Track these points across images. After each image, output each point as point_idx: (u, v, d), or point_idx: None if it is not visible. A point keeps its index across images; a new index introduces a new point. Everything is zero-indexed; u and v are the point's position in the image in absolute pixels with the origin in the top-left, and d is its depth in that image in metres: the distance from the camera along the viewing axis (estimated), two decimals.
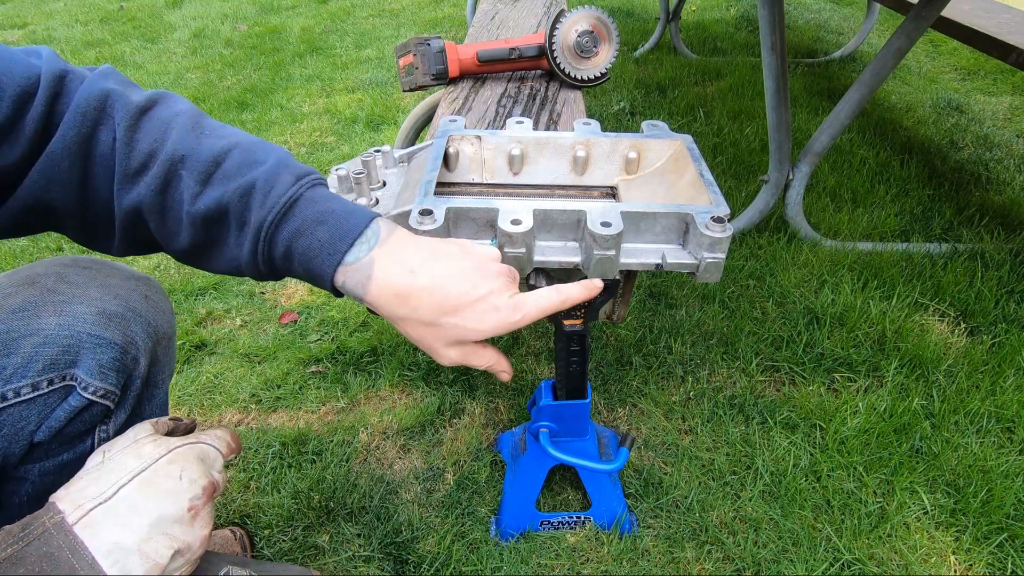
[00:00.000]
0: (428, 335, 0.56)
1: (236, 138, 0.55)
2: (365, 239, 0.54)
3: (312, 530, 0.98)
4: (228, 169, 0.53)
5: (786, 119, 1.49)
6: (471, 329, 0.54)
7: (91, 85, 0.52)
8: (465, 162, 0.87)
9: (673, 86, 2.52)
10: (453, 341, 0.56)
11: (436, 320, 0.54)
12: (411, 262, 0.54)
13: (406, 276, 0.53)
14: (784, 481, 1.03)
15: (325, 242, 0.52)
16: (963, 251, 1.52)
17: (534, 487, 0.95)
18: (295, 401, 1.22)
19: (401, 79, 1.22)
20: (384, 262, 0.53)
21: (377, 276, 0.53)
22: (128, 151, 0.52)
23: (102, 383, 0.57)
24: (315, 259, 0.53)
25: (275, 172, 0.53)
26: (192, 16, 3.70)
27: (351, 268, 0.53)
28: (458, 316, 0.54)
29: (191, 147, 0.53)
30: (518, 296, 0.56)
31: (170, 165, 0.52)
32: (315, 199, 0.54)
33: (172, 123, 0.54)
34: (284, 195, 0.52)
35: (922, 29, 1.34)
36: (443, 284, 0.53)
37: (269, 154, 0.55)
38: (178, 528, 0.47)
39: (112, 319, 0.58)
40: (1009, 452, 1.07)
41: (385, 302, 0.54)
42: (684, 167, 0.80)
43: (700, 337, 1.32)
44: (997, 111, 2.42)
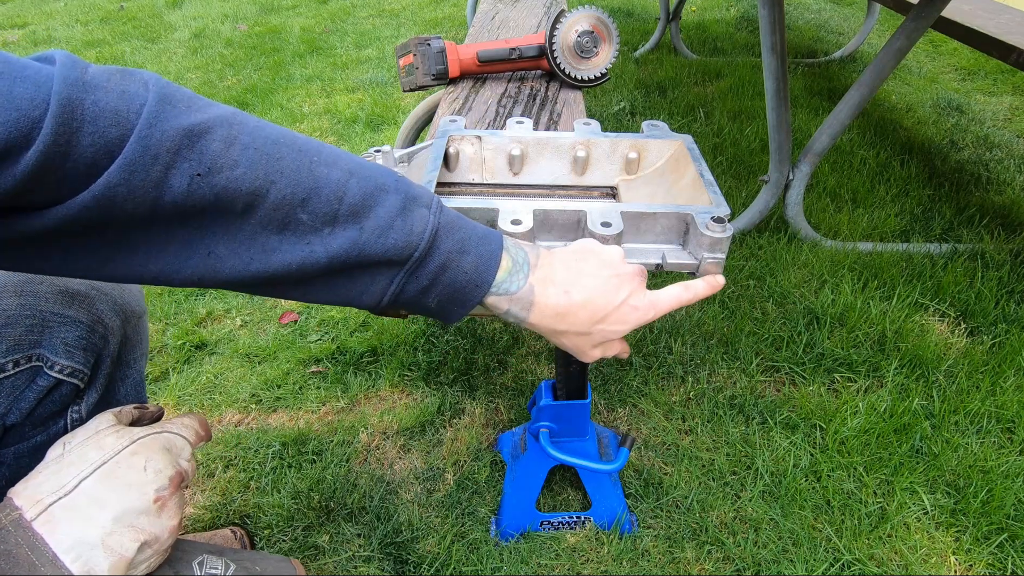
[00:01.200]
0: (580, 341, 0.60)
1: (345, 163, 0.51)
2: (518, 267, 0.56)
3: (312, 530, 0.98)
4: (352, 204, 0.49)
5: (786, 119, 1.49)
6: (616, 331, 0.60)
7: (162, 123, 0.42)
8: (465, 162, 0.87)
9: (673, 86, 2.52)
10: (600, 342, 0.61)
11: (589, 329, 0.59)
12: (563, 282, 0.58)
13: (563, 297, 0.57)
14: (784, 481, 1.03)
15: (471, 273, 0.54)
16: (963, 251, 1.52)
17: (534, 487, 0.95)
18: (295, 401, 1.22)
19: (401, 79, 1.22)
20: (542, 287, 0.57)
21: (539, 301, 0.57)
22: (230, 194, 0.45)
23: (69, 361, 0.57)
24: (463, 290, 0.54)
25: (406, 205, 0.51)
26: (192, 16, 3.70)
27: (515, 297, 0.56)
28: (606, 322, 0.59)
29: (308, 185, 0.48)
30: (652, 295, 0.61)
31: (288, 208, 0.47)
32: (450, 227, 0.53)
33: (271, 155, 0.47)
34: (426, 230, 0.51)
35: (922, 29, 1.34)
36: (593, 298, 0.58)
37: (386, 178, 0.52)
38: (144, 520, 0.46)
39: (76, 297, 0.58)
40: (1009, 452, 1.07)
41: (548, 323, 0.58)
42: (684, 167, 0.80)
43: (700, 337, 1.32)
44: (997, 111, 2.42)
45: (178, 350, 1.34)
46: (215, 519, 1.01)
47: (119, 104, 0.41)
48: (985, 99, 2.54)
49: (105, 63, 2.98)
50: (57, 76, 0.39)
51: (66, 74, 0.40)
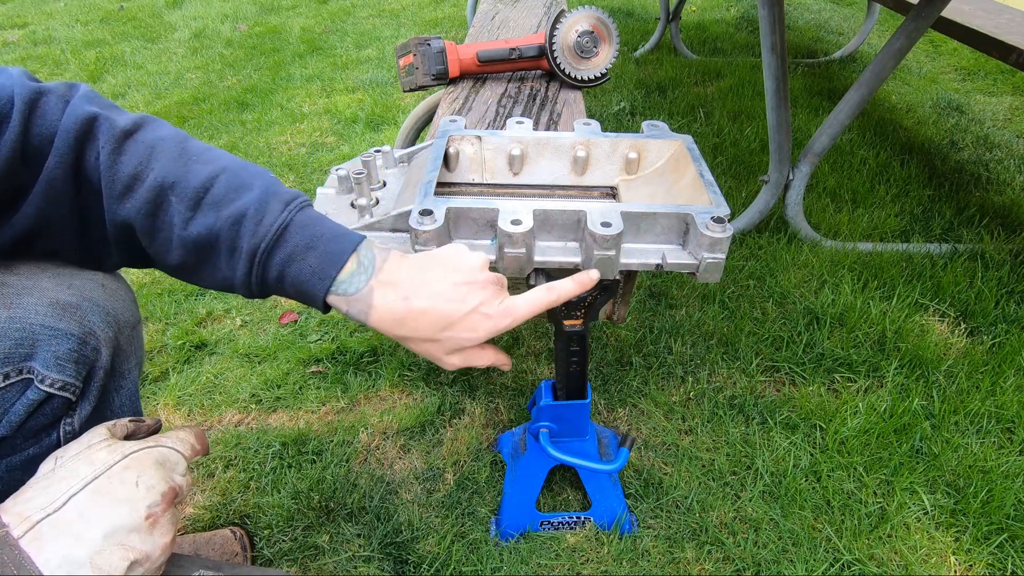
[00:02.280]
0: (430, 348, 0.61)
1: (222, 162, 0.58)
2: (362, 268, 0.58)
3: (312, 530, 0.98)
4: (217, 195, 0.56)
5: (786, 119, 1.49)
6: (467, 338, 0.59)
7: (77, 107, 0.54)
8: (465, 162, 0.87)
9: (673, 86, 2.52)
10: (452, 350, 0.61)
11: (435, 336, 0.59)
12: (405, 286, 0.58)
13: (402, 303, 0.58)
14: (784, 481, 1.03)
15: (316, 268, 0.56)
16: (963, 251, 1.52)
17: (534, 487, 0.95)
18: (295, 401, 1.22)
19: (401, 79, 1.22)
20: (382, 291, 0.58)
21: (377, 305, 0.57)
22: (112, 173, 0.54)
23: (60, 375, 0.56)
24: (306, 283, 0.56)
25: (264, 199, 0.56)
26: (192, 16, 3.70)
27: (353, 298, 0.57)
28: (454, 329, 0.59)
29: (180, 173, 0.55)
30: (508, 300, 0.61)
31: (159, 190, 0.55)
32: (304, 223, 0.57)
33: (157, 147, 0.56)
34: (275, 222, 0.56)
35: (922, 29, 1.34)
36: (436, 304, 0.58)
37: (256, 178, 0.58)
38: (135, 537, 0.45)
39: (67, 309, 0.57)
40: (1009, 452, 1.07)
41: (387, 327, 0.59)
42: (684, 167, 0.80)
43: (700, 337, 1.32)
44: (997, 111, 2.42)
45: (178, 350, 1.34)
46: (215, 519, 1.01)
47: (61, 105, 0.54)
48: (985, 99, 2.54)
49: (105, 63, 2.99)
50: (16, 83, 0.52)
51: (24, 82, 0.53)
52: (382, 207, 0.78)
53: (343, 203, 0.79)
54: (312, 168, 2.06)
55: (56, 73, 2.93)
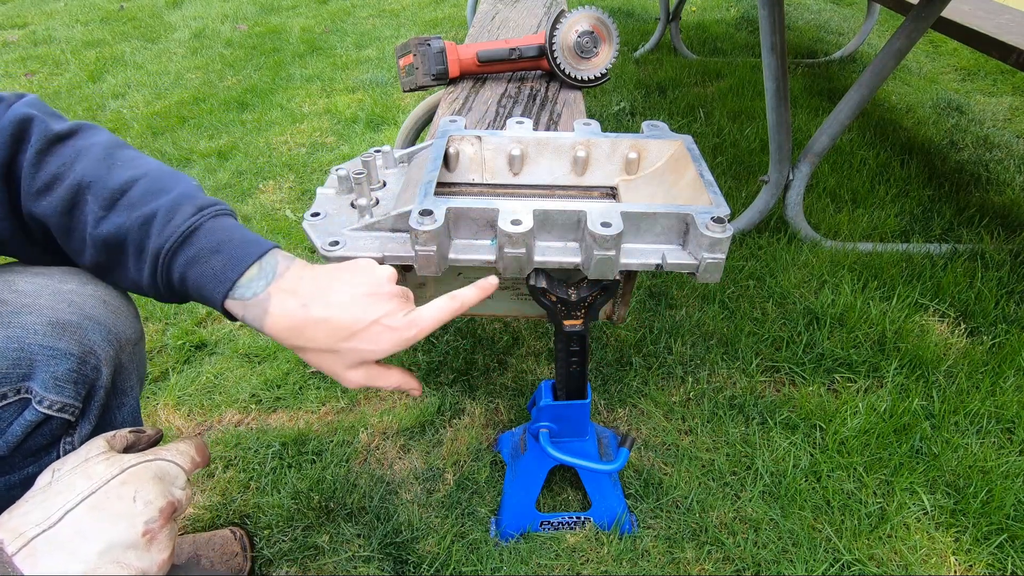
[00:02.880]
0: (328, 360, 0.59)
1: (147, 168, 0.58)
2: (263, 274, 0.57)
3: (312, 530, 0.98)
4: (133, 197, 0.56)
5: (786, 119, 1.49)
6: (368, 351, 0.57)
7: (15, 110, 0.56)
8: (465, 162, 0.87)
9: (673, 86, 2.52)
10: (353, 364, 0.59)
11: (333, 347, 0.57)
12: (304, 295, 0.57)
13: (299, 310, 0.56)
14: (784, 482, 1.03)
15: (218, 270, 0.56)
16: (963, 252, 1.52)
17: (534, 487, 0.95)
18: (295, 401, 1.22)
19: (401, 79, 1.22)
20: (279, 297, 0.56)
21: (272, 311, 0.56)
22: (35, 171, 0.56)
23: (58, 396, 0.55)
24: (205, 287, 0.56)
25: (178, 202, 0.57)
26: (192, 16, 3.70)
27: (250, 303, 0.56)
28: (354, 341, 0.57)
29: (99, 175, 0.56)
30: (413, 313, 0.59)
31: (76, 189, 0.56)
32: (214, 229, 0.57)
33: (84, 151, 0.57)
34: (183, 225, 0.56)
35: (922, 30, 1.34)
36: (335, 314, 0.56)
37: (177, 184, 0.58)
38: (132, 554, 0.44)
39: (66, 329, 0.56)
40: (1009, 453, 1.07)
41: (282, 335, 0.57)
42: (684, 167, 0.80)
43: (700, 338, 1.32)
44: (997, 112, 2.42)
45: (178, 350, 1.34)
46: (215, 519, 1.01)
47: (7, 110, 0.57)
48: (985, 99, 2.54)
49: (105, 63, 2.99)
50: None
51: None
52: (382, 207, 0.78)
53: (343, 203, 0.79)
54: (312, 168, 2.06)
55: (56, 73, 2.93)
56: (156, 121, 2.41)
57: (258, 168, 2.06)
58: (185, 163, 2.12)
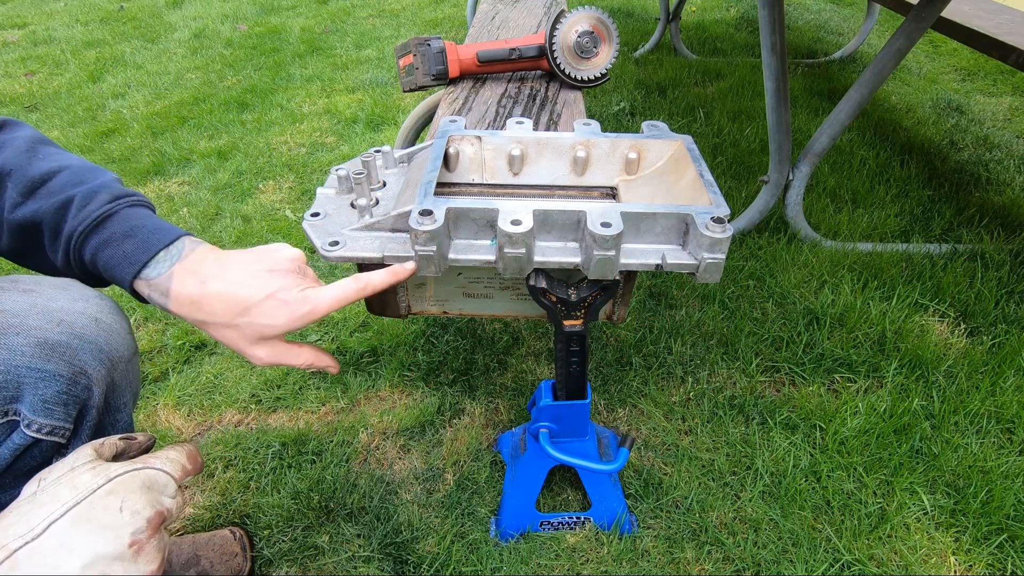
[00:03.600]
0: (230, 336, 0.60)
1: (69, 162, 0.61)
2: (169, 256, 0.59)
3: (312, 530, 0.98)
4: (53, 187, 0.59)
5: (786, 120, 1.49)
6: (265, 325, 0.59)
7: None
8: (465, 162, 0.87)
9: (673, 87, 2.52)
10: (255, 339, 0.60)
11: (232, 321, 0.59)
12: (205, 273, 0.59)
13: (198, 286, 0.58)
14: (784, 482, 1.03)
15: (129, 253, 0.58)
16: (963, 252, 1.52)
17: (534, 487, 0.95)
18: (295, 401, 1.22)
19: (401, 79, 1.22)
20: (181, 276, 0.58)
21: (175, 289, 0.58)
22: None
23: (47, 419, 0.55)
24: (115, 269, 0.58)
25: (95, 190, 0.59)
26: (192, 16, 3.70)
27: (154, 283, 0.58)
28: (250, 315, 0.58)
29: (20, 164, 0.59)
30: (311, 291, 0.60)
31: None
32: (130, 217, 0.59)
33: (7, 143, 0.60)
34: (98, 210, 0.58)
35: (922, 30, 1.34)
36: (232, 288, 0.58)
37: (98, 177, 0.61)
38: (118, 566, 0.43)
39: (55, 350, 0.55)
40: (1009, 453, 1.07)
41: (185, 310, 0.59)
42: (684, 168, 0.80)
43: (700, 338, 1.32)
44: (997, 112, 2.42)
45: (178, 350, 1.34)
46: (215, 519, 1.01)
47: None
48: (985, 99, 2.54)
49: (105, 63, 2.99)
50: None
51: None
52: (382, 207, 0.78)
53: (343, 203, 0.79)
54: (312, 168, 2.06)
55: (56, 73, 2.93)
56: (156, 121, 2.41)
57: (258, 168, 2.06)
58: (185, 163, 2.12)
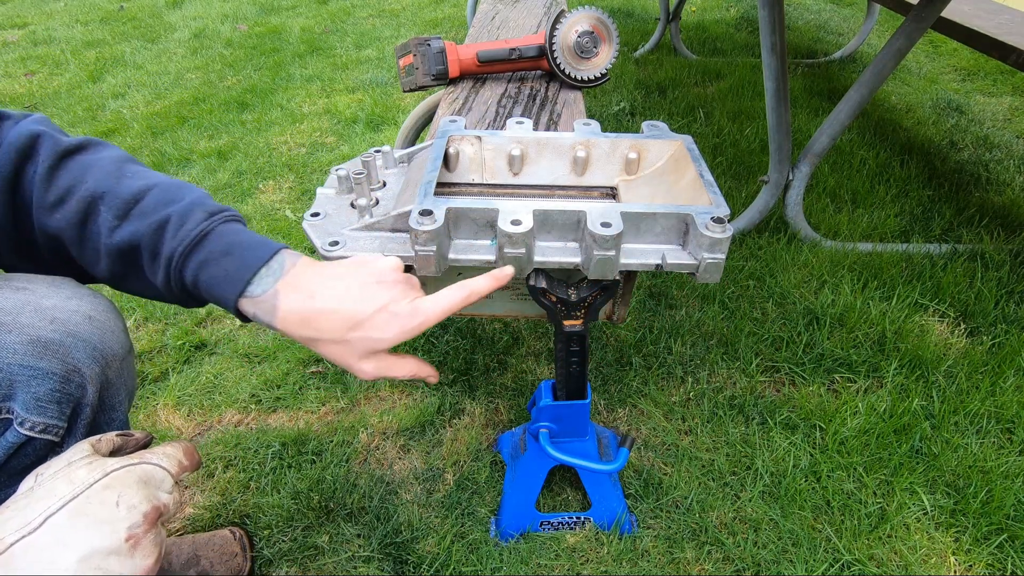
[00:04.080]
0: (339, 352, 0.59)
1: (157, 180, 0.60)
2: (271, 272, 0.58)
3: (312, 530, 0.98)
4: (145, 206, 0.58)
5: (786, 120, 1.49)
6: (376, 339, 0.58)
7: (22, 127, 0.58)
8: (465, 162, 0.87)
9: (673, 87, 2.52)
10: (364, 353, 0.59)
11: (343, 337, 0.58)
12: (311, 287, 0.58)
13: (307, 301, 0.57)
14: (784, 482, 1.03)
15: (231, 272, 0.57)
16: (963, 252, 1.52)
17: (534, 488, 0.95)
18: (295, 401, 1.22)
19: (401, 79, 1.22)
20: (287, 292, 0.58)
21: (282, 306, 0.57)
22: (46, 186, 0.57)
23: (40, 417, 0.55)
24: (218, 288, 0.57)
25: (189, 209, 0.58)
26: (192, 16, 3.70)
27: (259, 300, 0.57)
28: (361, 329, 0.57)
29: (110, 186, 0.58)
30: (418, 300, 0.59)
31: (89, 201, 0.57)
32: (226, 233, 0.58)
33: (95, 165, 0.59)
34: (195, 229, 0.57)
35: (922, 30, 1.34)
36: (342, 303, 0.57)
37: (187, 194, 0.60)
38: (114, 561, 0.43)
39: (48, 347, 0.55)
40: (1009, 453, 1.07)
41: (293, 328, 0.58)
42: (684, 168, 0.80)
43: (700, 338, 1.32)
44: (997, 112, 2.42)
45: (178, 350, 1.34)
46: (214, 519, 1.01)
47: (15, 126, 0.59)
48: (985, 99, 2.54)
49: (105, 63, 2.99)
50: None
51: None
52: (382, 207, 0.78)
53: (343, 203, 0.79)
54: (312, 168, 2.06)
55: (56, 73, 2.93)
56: (156, 121, 2.41)
57: (258, 168, 2.06)
58: (185, 163, 2.12)
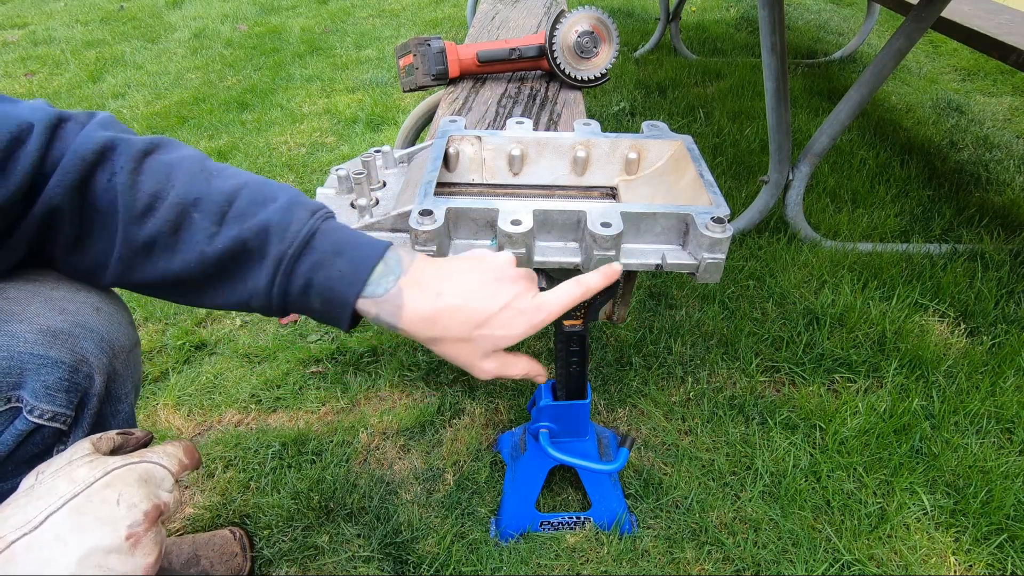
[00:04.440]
0: (464, 351, 0.58)
1: (244, 178, 0.58)
2: (389, 270, 0.56)
3: (312, 530, 0.98)
4: (241, 208, 0.55)
5: (786, 120, 1.49)
6: (501, 336, 0.57)
7: (91, 131, 0.54)
8: (465, 162, 0.87)
9: (673, 87, 2.52)
10: (488, 352, 0.58)
11: (468, 335, 0.57)
12: (435, 285, 0.57)
13: (433, 299, 0.56)
14: (784, 482, 1.03)
15: (346, 272, 0.55)
16: (963, 252, 1.52)
17: (534, 488, 0.95)
18: (295, 401, 1.22)
19: (401, 79, 1.22)
20: (411, 290, 0.56)
21: (407, 304, 0.56)
22: (133, 193, 0.54)
23: (49, 405, 0.55)
24: (335, 289, 0.55)
25: (289, 208, 0.56)
26: (192, 16, 3.70)
27: (382, 300, 0.56)
28: (487, 327, 0.57)
29: (202, 190, 0.55)
30: (540, 296, 0.59)
31: (181, 208, 0.54)
32: (331, 231, 0.56)
33: (176, 166, 0.56)
34: (303, 229, 0.55)
35: (922, 30, 1.34)
36: (468, 300, 0.56)
37: (279, 191, 0.57)
38: (115, 559, 0.43)
39: (57, 337, 0.55)
40: (1009, 453, 1.07)
41: (418, 327, 0.57)
42: (684, 168, 0.80)
43: (700, 338, 1.32)
44: (997, 112, 2.42)
45: (178, 350, 1.34)
46: (214, 519, 1.01)
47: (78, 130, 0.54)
48: (985, 99, 2.54)
49: (105, 63, 2.99)
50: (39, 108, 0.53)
51: (46, 108, 0.54)
52: (382, 207, 0.78)
53: (343, 203, 0.79)
54: (312, 168, 2.06)
55: (56, 73, 2.93)
56: (156, 121, 2.41)
57: (258, 168, 2.06)
58: None
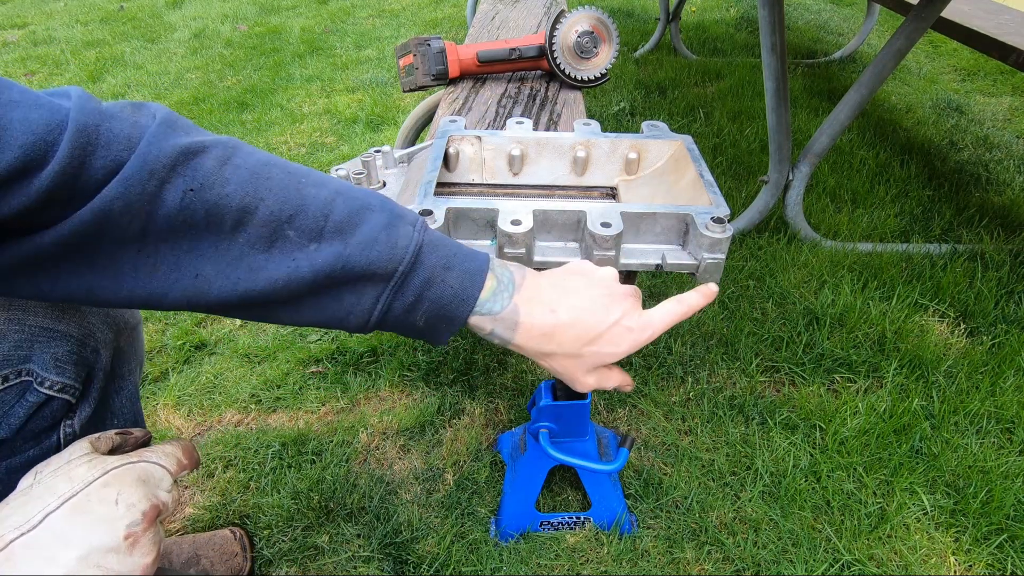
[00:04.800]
0: (570, 365, 0.59)
1: (335, 185, 0.53)
2: (503, 286, 0.56)
3: (312, 530, 0.98)
4: (337, 221, 0.51)
5: (786, 120, 1.49)
6: (608, 354, 0.58)
7: (160, 141, 0.46)
8: (465, 162, 0.87)
9: (673, 87, 2.52)
10: (593, 367, 0.59)
11: (579, 351, 0.57)
12: (550, 302, 0.57)
13: (549, 316, 0.56)
14: (784, 482, 1.03)
15: (458, 289, 0.54)
16: (963, 252, 1.52)
17: (534, 488, 0.95)
18: (295, 401, 1.22)
19: (401, 79, 1.22)
20: (528, 307, 0.56)
21: (524, 321, 0.56)
22: (220, 210, 0.47)
23: (59, 377, 0.55)
24: (448, 306, 0.54)
25: (391, 221, 0.53)
26: (192, 16, 3.70)
27: (499, 317, 0.56)
28: (598, 344, 0.57)
29: (295, 204, 0.50)
30: (646, 314, 0.59)
31: (275, 224, 0.49)
32: (435, 244, 0.54)
33: (259, 173, 0.50)
34: (410, 245, 0.52)
35: (922, 30, 1.34)
36: (582, 317, 0.56)
37: (369, 198, 0.54)
38: (113, 559, 0.43)
39: (66, 311, 0.57)
40: (1009, 453, 1.07)
41: (534, 343, 0.57)
42: (684, 168, 0.80)
43: (700, 338, 1.32)
44: (997, 112, 2.42)
45: (178, 350, 1.34)
46: (214, 519, 1.01)
47: (131, 131, 0.45)
48: (985, 100, 2.54)
49: (105, 63, 2.99)
50: (75, 106, 0.43)
51: (83, 104, 0.44)
52: None
53: None
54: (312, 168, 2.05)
55: (56, 73, 2.93)
56: None
57: None
58: None
